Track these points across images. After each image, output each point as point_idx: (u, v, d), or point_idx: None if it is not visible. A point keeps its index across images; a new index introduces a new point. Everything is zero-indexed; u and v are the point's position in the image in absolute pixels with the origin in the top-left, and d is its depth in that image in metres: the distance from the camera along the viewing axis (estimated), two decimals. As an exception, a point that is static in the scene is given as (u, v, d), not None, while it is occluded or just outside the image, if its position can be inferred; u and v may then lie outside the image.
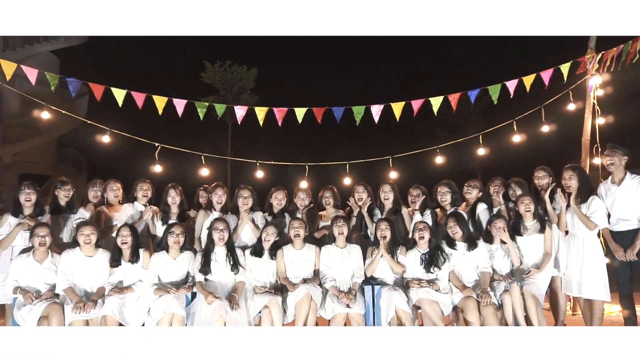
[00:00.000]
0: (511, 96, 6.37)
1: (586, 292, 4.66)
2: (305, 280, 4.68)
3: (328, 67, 34.08)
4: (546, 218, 4.89)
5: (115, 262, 4.52)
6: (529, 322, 4.44)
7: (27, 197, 4.79)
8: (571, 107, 6.57)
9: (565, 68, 6.32)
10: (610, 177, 4.87)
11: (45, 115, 6.24)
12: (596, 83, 6.40)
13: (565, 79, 6.40)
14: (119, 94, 6.06)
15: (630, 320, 4.68)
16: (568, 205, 4.84)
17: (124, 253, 4.55)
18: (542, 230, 4.78)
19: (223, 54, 20.30)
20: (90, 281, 4.49)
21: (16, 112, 18.60)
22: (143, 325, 4.39)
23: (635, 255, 4.53)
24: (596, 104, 6.40)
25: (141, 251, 4.60)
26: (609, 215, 4.75)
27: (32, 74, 5.93)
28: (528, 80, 6.34)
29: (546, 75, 6.31)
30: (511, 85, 6.35)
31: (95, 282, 4.49)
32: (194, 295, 4.58)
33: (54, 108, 6.40)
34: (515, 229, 4.83)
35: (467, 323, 4.44)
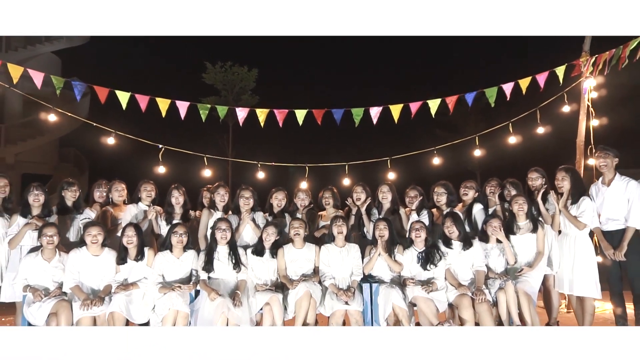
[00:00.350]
0: (507, 99, 6.48)
1: (577, 290, 4.79)
2: (304, 276, 4.82)
3: (328, 67, 34.21)
4: (539, 218, 5.02)
5: (121, 260, 4.66)
6: (522, 319, 4.57)
7: (36, 198, 4.93)
8: (566, 109, 6.70)
9: (560, 71, 6.44)
10: (600, 178, 5.00)
11: (47, 116, 6.37)
12: (590, 85, 6.52)
13: (560, 81, 6.52)
14: (123, 97, 6.18)
15: (621, 318, 4.81)
16: None
17: (129, 252, 4.68)
18: (534, 229, 4.91)
19: (224, 55, 20.39)
20: (97, 279, 4.62)
21: (18, 112, 18.73)
22: (148, 322, 4.53)
23: (624, 255, 4.66)
24: (590, 106, 6.52)
25: (146, 250, 4.74)
26: (599, 216, 4.88)
27: (37, 76, 6.06)
28: (524, 83, 6.46)
29: (542, 77, 6.43)
30: (507, 87, 6.47)
31: (101, 280, 4.63)
32: (197, 292, 4.72)
33: (59, 111, 6.54)
34: (508, 228, 4.96)
35: (461, 320, 4.58)
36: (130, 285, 4.58)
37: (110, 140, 6.42)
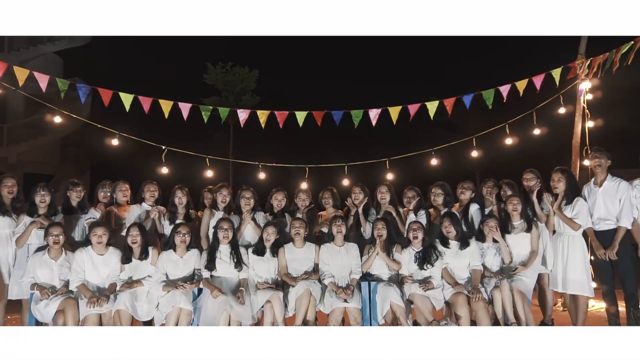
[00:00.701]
0: (504, 100, 6.59)
1: (571, 288, 4.90)
2: (306, 273, 4.94)
3: (329, 67, 34.27)
4: (534, 218, 5.13)
5: (126, 259, 4.78)
6: (517, 316, 4.68)
7: (42, 199, 5.05)
8: (562, 110, 6.80)
9: (556, 73, 6.54)
10: (593, 179, 5.11)
11: (49, 116, 6.49)
12: (586, 88, 6.63)
13: (557, 83, 6.62)
14: (127, 99, 6.28)
15: (613, 316, 4.92)
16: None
17: (134, 251, 4.79)
18: (529, 229, 5.02)
19: (225, 56, 20.53)
20: (102, 278, 4.73)
21: (20, 112, 18.85)
22: (152, 319, 4.65)
23: (615, 254, 4.78)
24: (586, 107, 6.63)
25: (150, 249, 4.85)
26: (591, 216, 5.00)
27: (42, 79, 6.18)
28: (521, 85, 6.57)
29: (538, 80, 6.54)
30: (504, 89, 6.58)
31: (106, 279, 4.74)
32: (200, 290, 4.83)
33: (65, 113, 6.66)
34: (503, 227, 5.07)
35: (457, 317, 4.69)
36: (134, 283, 4.69)
37: (114, 142, 6.53)
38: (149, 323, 4.76)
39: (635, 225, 4.82)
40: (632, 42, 5.77)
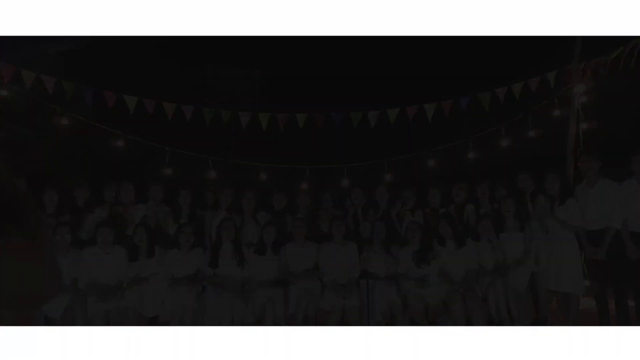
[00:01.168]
0: (501, 104, 6.72)
1: (563, 286, 5.04)
2: (306, 272, 5.08)
3: (330, 67, 34.32)
4: (528, 218, 5.27)
5: (133, 258, 4.92)
6: (511, 314, 4.82)
7: (51, 198, 5.19)
8: (557, 113, 6.93)
9: (552, 76, 6.66)
10: (585, 180, 5.25)
11: (51, 115, 6.62)
12: (580, 90, 6.75)
13: (552, 86, 6.75)
14: (131, 101, 6.41)
15: (604, 314, 5.06)
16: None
17: (140, 250, 4.94)
18: (522, 229, 5.17)
19: (226, 57, 20.58)
20: (109, 276, 4.86)
21: (24, 112, 18.95)
22: (157, 316, 4.80)
23: (605, 253, 4.91)
24: (580, 110, 6.76)
25: (156, 248, 5.00)
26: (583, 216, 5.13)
27: (49, 81, 6.31)
28: (517, 88, 6.69)
29: (534, 83, 6.66)
30: (501, 92, 6.70)
31: (113, 277, 4.86)
32: (203, 288, 4.98)
33: (68, 113, 6.77)
34: (498, 227, 5.21)
35: (453, 315, 4.83)
36: (141, 281, 4.83)
37: (119, 143, 6.67)
38: (154, 320, 4.90)
39: (625, 225, 4.95)
40: (622, 49, 5.90)
